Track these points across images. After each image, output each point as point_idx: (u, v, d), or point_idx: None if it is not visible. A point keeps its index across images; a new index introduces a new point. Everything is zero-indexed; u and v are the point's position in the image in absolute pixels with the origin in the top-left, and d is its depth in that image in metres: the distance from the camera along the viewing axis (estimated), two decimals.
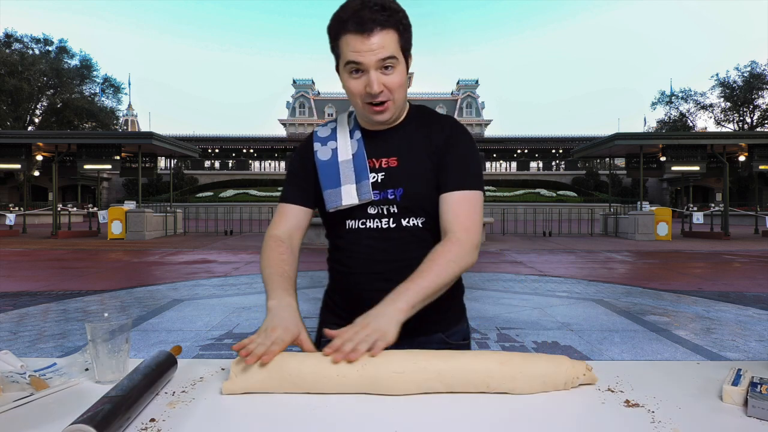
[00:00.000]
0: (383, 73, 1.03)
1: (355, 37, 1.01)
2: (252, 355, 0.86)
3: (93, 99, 35.00)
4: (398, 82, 1.05)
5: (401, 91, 1.08)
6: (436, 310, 1.16)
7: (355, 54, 1.02)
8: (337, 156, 1.15)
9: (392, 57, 1.03)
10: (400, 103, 1.10)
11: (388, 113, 1.08)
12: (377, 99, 1.05)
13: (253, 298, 5.72)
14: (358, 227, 1.14)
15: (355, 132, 1.16)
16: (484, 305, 5.44)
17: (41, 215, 24.49)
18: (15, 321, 4.71)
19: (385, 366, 0.84)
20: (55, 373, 0.94)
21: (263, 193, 36.83)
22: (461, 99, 54.14)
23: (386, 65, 1.03)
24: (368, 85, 1.03)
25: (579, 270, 8.58)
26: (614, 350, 3.84)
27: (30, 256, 10.62)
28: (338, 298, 1.22)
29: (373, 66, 1.02)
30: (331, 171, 1.13)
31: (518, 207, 26.29)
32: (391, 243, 1.11)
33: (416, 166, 1.12)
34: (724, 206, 16.29)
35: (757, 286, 6.85)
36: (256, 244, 13.28)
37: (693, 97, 38.67)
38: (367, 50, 1.01)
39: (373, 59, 1.01)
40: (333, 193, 1.12)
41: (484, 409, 0.79)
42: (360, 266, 1.15)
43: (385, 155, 1.13)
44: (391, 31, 1.02)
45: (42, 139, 16.04)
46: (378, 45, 1.01)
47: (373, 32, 1.00)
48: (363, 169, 1.12)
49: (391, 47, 1.02)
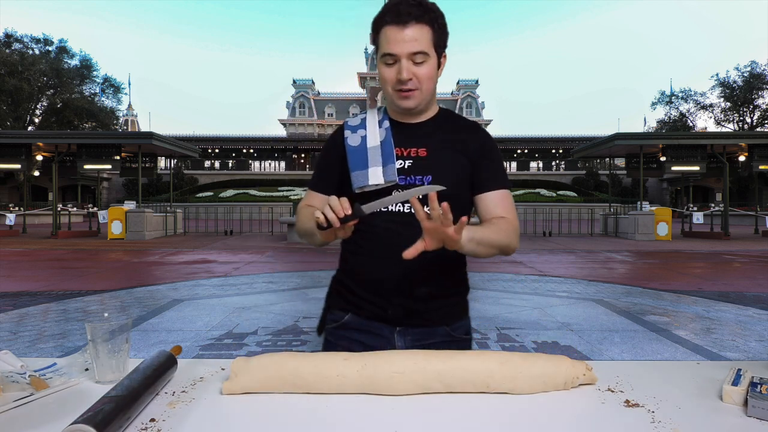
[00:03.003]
0: (414, 63, 1.11)
1: (392, 28, 1.10)
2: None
3: (93, 99, 35.00)
4: (427, 74, 1.13)
5: (429, 83, 1.14)
6: (444, 303, 1.22)
7: (389, 45, 1.11)
8: (366, 142, 1.20)
9: (423, 52, 1.10)
10: (427, 95, 1.16)
11: (414, 100, 1.15)
12: (406, 86, 1.12)
13: (253, 298, 5.71)
14: (380, 210, 1.14)
15: (384, 122, 1.23)
16: (484, 305, 5.44)
17: (41, 215, 24.48)
18: (15, 321, 4.71)
19: (385, 366, 0.84)
20: (55, 373, 0.94)
21: (263, 193, 36.81)
22: (461, 99, 54.11)
23: (417, 58, 1.10)
24: (399, 72, 1.11)
25: (579, 270, 8.57)
26: (614, 350, 3.84)
27: (30, 256, 10.62)
28: (350, 281, 1.24)
29: (405, 56, 1.10)
30: (359, 155, 1.19)
31: (518, 207, 26.05)
32: (410, 228, 1.10)
33: (447, 158, 1.18)
34: (724, 206, 16.29)
35: (757, 286, 6.85)
36: (256, 244, 13.28)
37: (693, 97, 38.70)
38: (401, 40, 1.09)
39: (406, 50, 1.10)
40: (360, 174, 1.17)
41: (484, 409, 0.79)
42: (375, 249, 1.18)
43: (414, 145, 1.19)
44: (425, 27, 1.10)
45: (42, 139, 16.04)
46: (411, 37, 1.09)
47: (408, 24, 1.09)
48: (390, 154, 1.17)
49: (423, 41, 1.10)
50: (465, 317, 1.29)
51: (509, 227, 1.14)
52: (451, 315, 1.24)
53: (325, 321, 1.29)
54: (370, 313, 1.20)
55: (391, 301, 1.18)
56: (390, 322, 1.19)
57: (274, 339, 4.11)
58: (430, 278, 1.18)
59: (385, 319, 1.19)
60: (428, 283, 1.18)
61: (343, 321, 1.24)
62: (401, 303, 1.17)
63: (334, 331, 1.25)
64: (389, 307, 1.18)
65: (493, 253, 1.11)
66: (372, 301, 1.19)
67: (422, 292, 1.17)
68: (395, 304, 1.17)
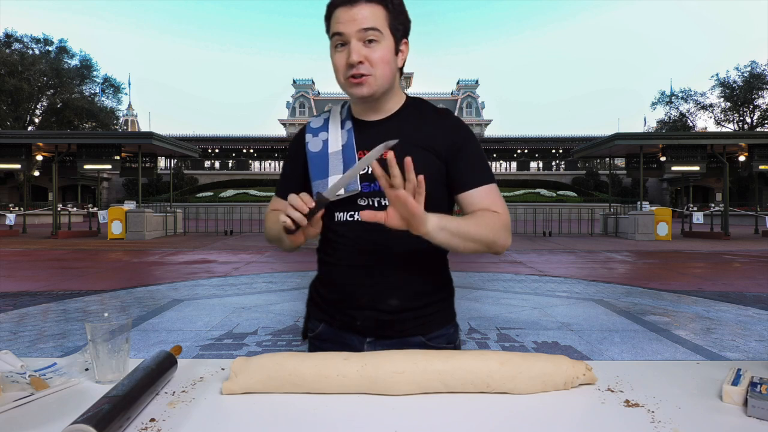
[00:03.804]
0: (366, 45, 1.02)
1: (341, 9, 1.02)
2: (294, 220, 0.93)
3: (93, 99, 35.00)
4: (381, 57, 1.02)
5: (385, 68, 1.04)
6: (420, 313, 1.13)
7: (338, 25, 1.02)
8: (327, 147, 1.12)
9: (375, 29, 1.01)
10: (384, 82, 1.05)
11: (367, 87, 1.04)
12: (357, 71, 1.02)
13: (253, 298, 5.72)
14: (346, 219, 1.10)
15: (346, 122, 1.14)
16: (484, 305, 5.44)
17: (41, 215, 24.48)
18: (15, 321, 4.71)
19: (385, 366, 0.84)
20: (55, 373, 0.94)
21: (263, 193, 36.80)
22: (461, 99, 54.12)
23: (369, 37, 1.01)
24: (349, 55, 1.02)
25: (579, 270, 8.57)
26: (614, 350, 3.84)
27: (30, 256, 10.62)
28: (323, 290, 1.19)
29: (355, 36, 1.01)
30: (320, 162, 1.11)
31: (518, 207, 26.25)
32: (378, 235, 1.04)
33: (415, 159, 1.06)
34: (724, 206, 16.29)
35: (757, 286, 6.85)
36: (256, 244, 13.28)
37: (693, 97, 38.69)
38: (349, 19, 1.01)
39: (355, 28, 1.01)
40: (320, 184, 1.10)
41: (484, 409, 0.79)
42: (345, 258, 1.11)
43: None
44: (377, 6, 1.02)
45: (42, 139, 16.04)
46: (361, 15, 1.00)
47: (357, 3, 1.01)
48: (351, 159, 1.08)
49: (375, 19, 1.01)
50: (447, 325, 1.18)
51: (495, 222, 1.03)
52: (427, 324, 1.14)
53: (307, 328, 1.25)
54: (341, 323, 1.14)
55: (362, 312, 1.11)
56: (360, 333, 1.13)
57: (274, 339, 4.11)
58: (404, 287, 1.10)
59: (356, 330, 1.13)
60: (400, 294, 1.09)
61: (318, 331, 1.19)
62: (370, 314, 1.10)
63: (312, 340, 1.22)
64: (359, 318, 1.11)
65: (476, 249, 1.00)
66: (342, 311, 1.13)
67: (393, 303, 1.09)
68: (365, 316, 1.10)
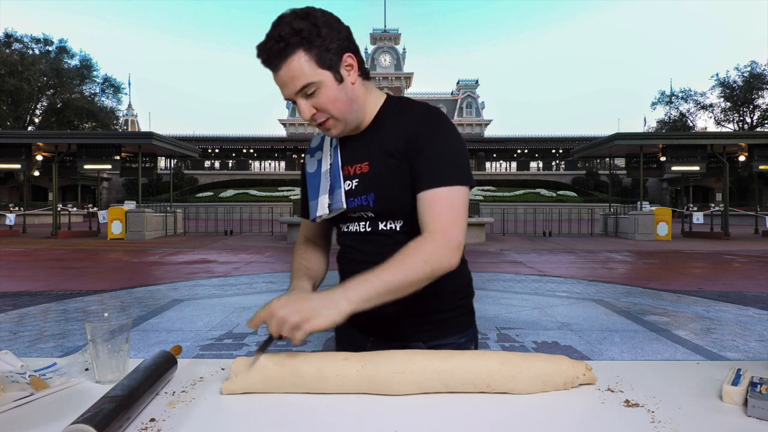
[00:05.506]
0: (309, 98, 1.00)
1: (273, 74, 1.00)
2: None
3: (93, 99, 35.02)
4: (327, 100, 1.00)
5: (337, 105, 1.01)
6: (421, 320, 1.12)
7: (281, 91, 1.02)
8: (320, 167, 1.15)
9: (306, 85, 0.98)
10: (347, 114, 1.04)
11: (334, 129, 1.05)
12: (316, 122, 1.04)
13: (253, 298, 5.71)
14: (345, 231, 1.16)
15: (333, 140, 1.14)
16: (484, 305, 5.44)
17: (41, 215, 24.50)
18: (15, 321, 4.71)
19: (385, 366, 0.84)
20: (55, 373, 0.94)
21: (263, 193, 36.81)
22: (461, 99, 54.16)
23: (307, 93, 0.99)
24: (301, 113, 1.03)
25: (579, 270, 8.57)
26: (614, 350, 3.84)
27: (30, 256, 10.62)
28: None
29: (295, 97, 1.00)
30: (314, 182, 1.15)
31: (518, 207, 26.31)
32: (369, 245, 1.12)
33: (386, 168, 1.05)
34: (724, 206, 16.29)
35: (757, 286, 6.85)
36: (256, 245, 13.29)
37: (693, 97, 38.71)
38: (281, 85, 0.99)
39: (289, 93, 1.00)
40: (313, 204, 1.14)
41: (484, 409, 0.79)
42: (348, 264, 1.17)
43: (358, 161, 1.09)
44: (295, 57, 0.96)
45: (42, 139, 16.04)
46: (287, 78, 0.97)
47: (279, 68, 0.97)
48: (336, 178, 1.10)
49: (301, 74, 0.97)
50: (458, 335, 1.15)
51: (421, 254, 0.93)
52: (432, 331, 1.13)
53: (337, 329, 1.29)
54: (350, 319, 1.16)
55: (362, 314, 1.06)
56: (363, 332, 1.17)
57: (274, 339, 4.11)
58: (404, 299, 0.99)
59: (359, 328, 1.16)
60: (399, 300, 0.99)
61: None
62: (368, 320, 1.06)
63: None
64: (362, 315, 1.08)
65: (419, 287, 0.94)
66: None
67: (392, 309, 1.02)
68: (362, 320, 1.05)
